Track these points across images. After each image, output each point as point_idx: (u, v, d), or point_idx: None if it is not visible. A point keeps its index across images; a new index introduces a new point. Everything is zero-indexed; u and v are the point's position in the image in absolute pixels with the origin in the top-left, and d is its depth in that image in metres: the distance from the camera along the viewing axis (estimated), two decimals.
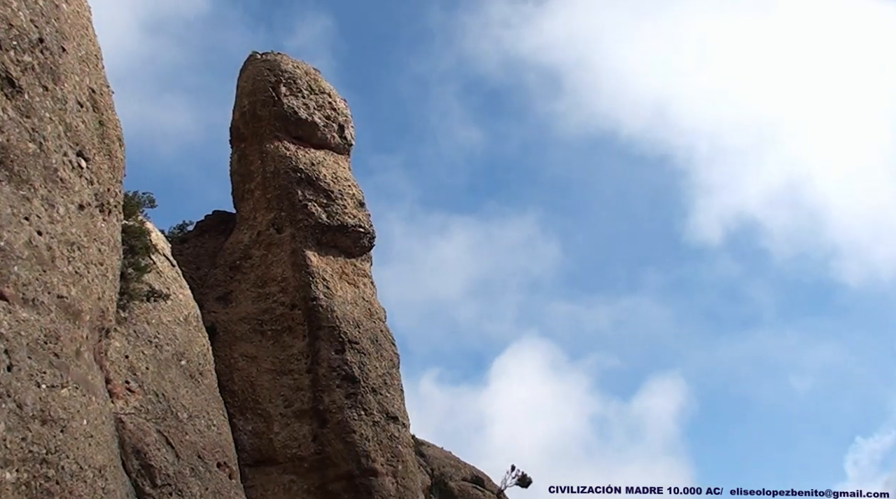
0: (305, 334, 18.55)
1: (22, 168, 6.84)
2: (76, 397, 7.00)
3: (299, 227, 19.75)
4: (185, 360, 14.67)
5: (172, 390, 13.56)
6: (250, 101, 21.28)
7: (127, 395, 12.34)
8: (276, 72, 21.45)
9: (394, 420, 18.43)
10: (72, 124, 7.77)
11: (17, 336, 6.37)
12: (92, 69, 8.64)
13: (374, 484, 17.32)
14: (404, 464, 18.11)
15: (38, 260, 6.80)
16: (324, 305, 18.84)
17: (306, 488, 17.24)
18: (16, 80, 7.03)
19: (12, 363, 6.24)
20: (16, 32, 7.18)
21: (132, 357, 13.16)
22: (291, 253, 19.48)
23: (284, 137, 20.92)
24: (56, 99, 7.58)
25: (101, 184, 8.26)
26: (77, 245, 7.45)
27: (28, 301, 6.60)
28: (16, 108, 6.98)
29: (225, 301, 19.30)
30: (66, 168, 7.50)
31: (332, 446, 17.47)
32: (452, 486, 23.73)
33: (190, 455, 12.63)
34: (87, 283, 7.52)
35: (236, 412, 17.40)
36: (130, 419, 11.78)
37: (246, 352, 18.45)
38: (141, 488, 11.09)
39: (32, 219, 6.86)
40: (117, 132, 9.03)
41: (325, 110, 21.82)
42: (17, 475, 6.11)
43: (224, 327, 18.73)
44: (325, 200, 20.35)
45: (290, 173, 20.27)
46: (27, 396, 6.32)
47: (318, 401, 17.86)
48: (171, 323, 14.96)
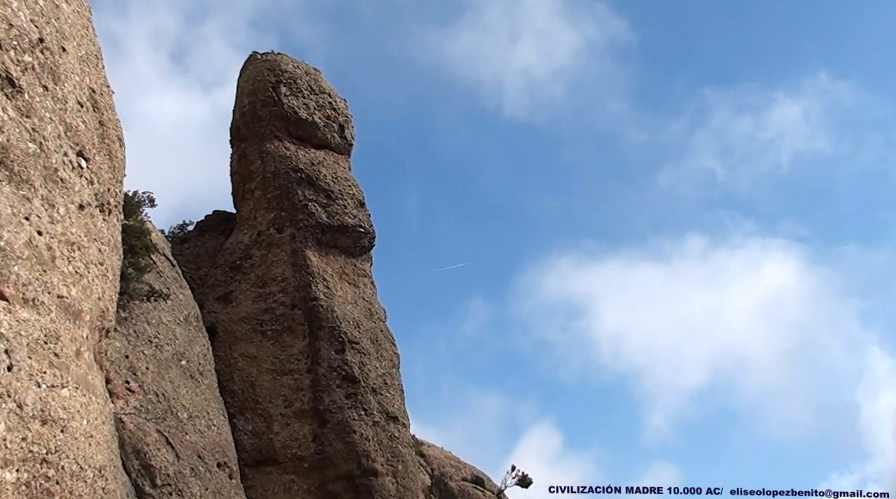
0: (305, 334, 18.55)
1: (22, 168, 6.84)
2: (76, 396, 6.99)
3: (299, 227, 19.75)
4: (185, 360, 14.67)
5: (172, 390, 13.55)
6: (251, 101, 21.28)
7: (127, 395, 12.33)
8: (276, 72, 21.45)
9: (394, 420, 18.43)
10: (72, 124, 7.77)
11: (17, 336, 6.37)
12: (92, 69, 8.64)
13: (374, 484, 17.32)
14: (404, 464, 18.11)
15: (38, 260, 6.80)
16: (324, 305, 18.84)
17: (306, 488, 17.23)
18: (16, 80, 7.03)
19: (12, 363, 6.24)
20: (16, 32, 7.18)
21: (132, 357, 13.16)
22: (292, 253, 19.48)
23: (285, 137, 20.92)
24: (56, 99, 7.58)
25: (101, 184, 8.26)
26: (77, 245, 7.45)
27: (28, 301, 6.60)
28: (16, 108, 6.98)
29: (225, 301, 19.30)
30: (66, 168, 7.50)
31: (333, 446, 17.47)
32: (452, 486, 23.71)
33: (190, 455, 12.63)
34: (87, 283, 7.52)
35: (236, 412, 17.40)
36: (130, 419, 11.78)
37: (246, 352, 18.45)
38: (141, 488, 11.09)
39: (32, 219, 6.86)
40: (117, 132, 9.03)
41: (325, 110, 21.82)
42: (17, 475, 6.11)
43: (224, 327, 18.73)
44: (325, 199, 20.35)
45: (291, 173, 20.28)
46: (27, 396, 6.33)
47: (319, 401, 17.86)
48: (171, 323, 14.97)
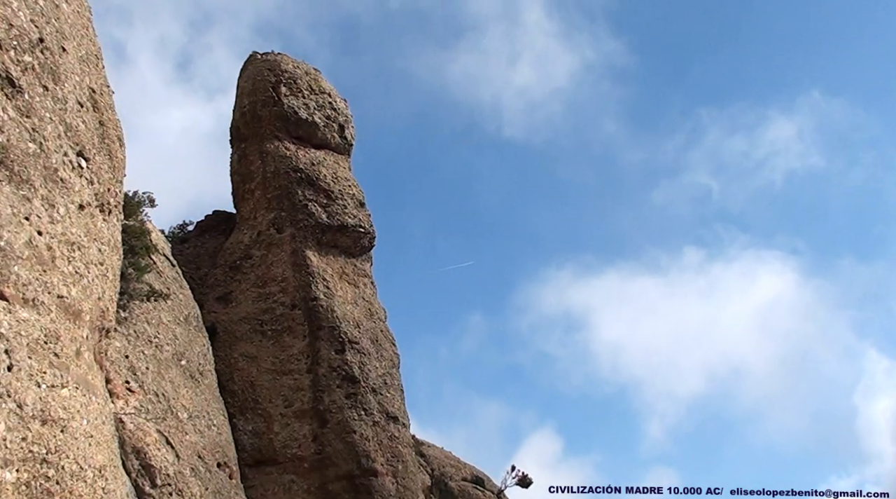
0: (305, 334, 18.54)
1: (22, 168, 6.85)
2: (76, 396, 7.00)
3: (299, 227, 19.75)
4: (185, 360, 14.67)
5: (172, 390, 13.55)
6: (251, 101, 21.28)
7: (127, 395, 12.33)
8: (276, 72, 21.45)
9: (394, 420, 18.43)
10: (72, 124, 7.77)
11: (17, 336, 6.38)
12: (92, 69, 8.65)
13: (374, 484, 17.32)
14: (404, 464, 18.11)
15: (38, 260, 6.80)
16: (324, 305, 18.84)
17: (306, 488, 17.23)
18: (16, 80, 7.04)
19: (12, 363, 6.25)
20: (16, 32, 7.19)
21: (132, 357, 13.15)
22: (292, 253, 19.48)
23: (285, 137, 20.92)
24: (56, 99, 7.59)
25: (101, 184, 8.27)
26: (77, 245, 7.46)
27: (28, 301, 6.61)
28: (16, 108, 6.98)
29: (225, 301, 19.30)
30: (66, 168, 7.51)
31: (332, 446, 17.47)
32: (452, 486, 23.71)
33: (190, 455, 12.63)
34: (87, 283, 7.52)
35: (236, 412, 17.40)
36: (130, 419, 11.77)
37: (246, 352, 18.45)
38: (141, 488, 11.09)
39: (32, 219, 6.87)
40: (117, 132, 9.04)
41: (325, 110, 21.82)
42: (17, 475, 6.12)
43: (224, 327, 18.73)
44: (325, 199, 20.35)
45: (291, 173, 20.27)
46: (27, 396, 6.33)
47: (318, 401, 17.85)
48: (171, 323, 14.96)
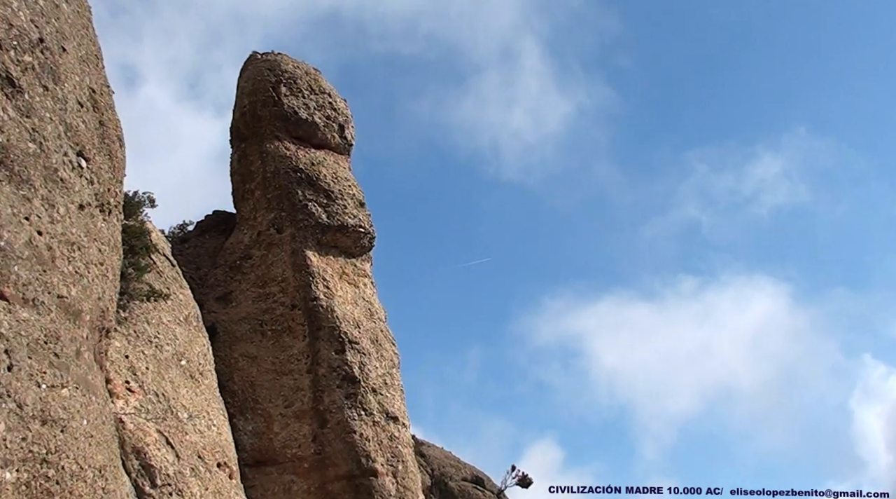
0: (305, 334, 18.54)
1: (22, 168, 6.85)
2: (76, 396, 7.00)
3: (299, 227, 19.74)
4: (186, 360, 14.66)
5: (172, 390, 13.55)
6: (250, 101, 21.28)
7: (127, 395, 12.33)
8: (276, 72, 21.46)
9: (394, 420, 18.43)
10: (72, 124, 7.77)
11: (17, 336, 6.38)
12: (92, 69, 8.65)
13: (374, 484, 17.32)
14: (404, 464, 18.11)
15: (38, 260, 6.80)
16: (324, 305, 18.84)
17: (306, 488, 17.22)
18: (16, 80, 7.04)
19: (12, 363, 6.25)
20: (16, 32, 7.19)
21: (132, 357, 13.15)
22: (291, 253, 19.48)
23: (285, 137, 20.92)
24: (56, 99, 7.59)
25: (101, 184, 8.27)
26: (77, 245, 7.46)
27: (28, 301, 6.61)
28: (16, 108, 6.98)
29: (225, 301, 19.30)
30: (66, 168, 7.51)
31: (332, 446, 17.46)
32: (452, 486, 23.71)
33: (190, 455, 12.63)
34: (87, 283, 7.52)
35: (236, 412, 17.40)
36: (130, 419, 11.77)
37: (246, 352, 18.45)
38: (141, 488, 11.09)
39: (32, 219, 6.87)
40: (117, 132, 9.05)
41: (325, 110, 21.82)
42: (17, 475, 6.12)
43: (224, 327, 18.73)
44: (325, 200, 20.35)
45: (291, 173, 20.28)
46: (27, 396, 6.33)
47: (318, 401, 17.85)
48: (171, 323, 14.96)
